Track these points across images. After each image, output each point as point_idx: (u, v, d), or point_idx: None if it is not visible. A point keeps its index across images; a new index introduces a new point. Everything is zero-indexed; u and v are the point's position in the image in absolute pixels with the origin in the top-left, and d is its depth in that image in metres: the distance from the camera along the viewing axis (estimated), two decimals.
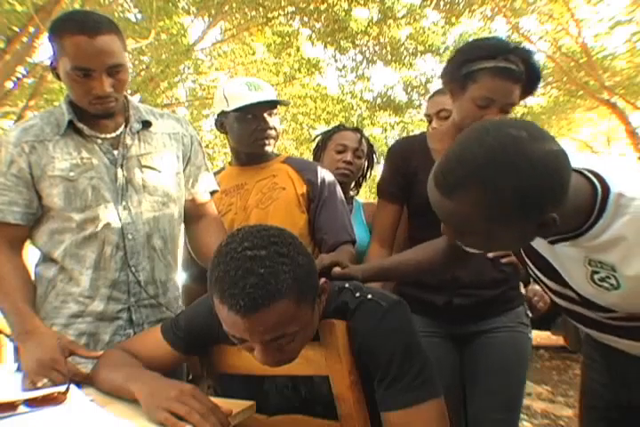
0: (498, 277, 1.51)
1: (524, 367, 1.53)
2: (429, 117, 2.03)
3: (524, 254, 1.05)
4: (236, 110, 1.67)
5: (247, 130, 1.69)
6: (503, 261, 1.46)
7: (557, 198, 0.79)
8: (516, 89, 1.36)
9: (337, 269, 1.21)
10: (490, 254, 1.41)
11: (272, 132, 1.70)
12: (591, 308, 0.98)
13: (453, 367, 1.54)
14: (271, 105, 1.68)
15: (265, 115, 1.68)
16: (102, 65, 1.24)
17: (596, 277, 0.88)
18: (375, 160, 2.14)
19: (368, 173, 2.14)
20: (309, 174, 1.73)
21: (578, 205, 0.83)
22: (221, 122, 1.76)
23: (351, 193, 2.14)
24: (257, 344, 0.89)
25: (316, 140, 2.18)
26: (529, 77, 1.36)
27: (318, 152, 2.11)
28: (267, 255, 0.85)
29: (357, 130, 2.09)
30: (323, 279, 0.98)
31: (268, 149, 1.73)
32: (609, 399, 1.18)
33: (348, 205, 2.06)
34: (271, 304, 0.83)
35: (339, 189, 1.77)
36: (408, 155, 1.56)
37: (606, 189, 0.83)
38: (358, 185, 2.16)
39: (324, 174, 1.76)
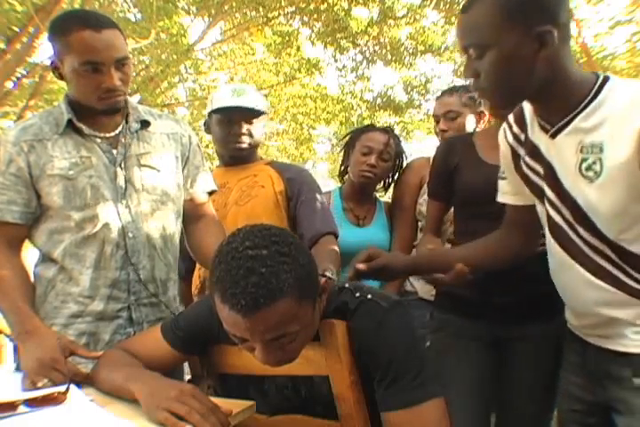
0: (539, 271, 1.38)
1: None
2: (437, 118, 2.03)
3: (532, 161, 1.13)
4: (214, 112, 1.78)
5: (222, 133, 1.79)
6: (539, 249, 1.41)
7: (553, 11, 0.97)
8: None
9: (360, 266, 1.22)
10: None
11: (245, 139, 1.77)
12: (576, 223, 1.05)
13: (487, 375, 1.49)
14: (245, 112, 1.75)
15: (243, 121, 1.75)
16: (111, 58, 1.25)
17: (583, 165, 1.00)
18: (404, 161, 2.08)
19: (396, 175, 2.08)
20: (288, 174, 1.79)
21: (581, 84, 1.01)
22: (208, 123, 1.85)
23: (377, 195, 2.13)
24: (258, 344, 0.88)
25: (345, 139, 2.14)
26: None
27: (348, 151, 2.08)
28: (268, 255, 0.85)
29: (387, 131, 2.04)
30: (323, 279, 0.98)
31: (244, 152, 1.80)
32: (589, 402, 1.16)
33: (373, 206, 2.06)
34: (272, 304, 0.83)
35: (319, 187, 1.82)
36: (450, 153, 1.61)
37: (606, 79, 1.01)
38: (387, 185, 2.11)
39: (304, 174, 1.82)
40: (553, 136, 1.06)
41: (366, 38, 9.74)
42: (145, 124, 1.42)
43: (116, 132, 1.39)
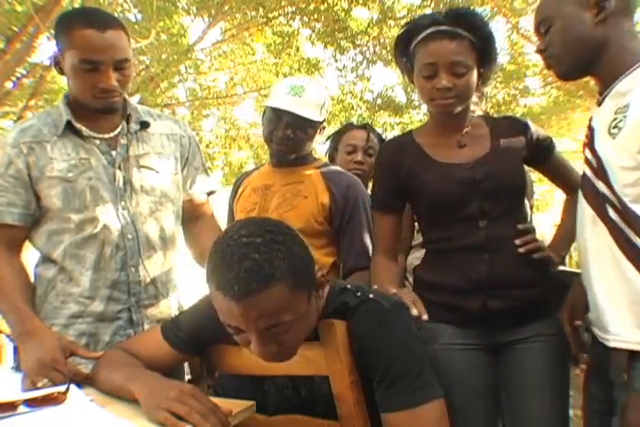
0: (534, 276, 1.39)
1: (565, 381, 1.41)
2: None
3: (587, 131, 1.21)
4: (267, 105, 1.70)
5: (266, 130, 1.71)
6: (535, 256, 1.37)
7: None
8: (458, 46, 1.31)
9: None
10: (521, 249, 1.36)
11: (284, 141, 1.67)
12: (600, 178, 1.12)
13: (490, 383, 1.42)
14: (295, 118, 1.63)
15: (285, 121, 1.64)
16: (110, 59, 1.26)
17: (612, 124, 1.09)
18: None
19: None
20: (335, 188, 1.70)
21: (635, 53, 1.11)
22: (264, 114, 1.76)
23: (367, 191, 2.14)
24: (252, 333, 0.89)
25: (327, 142, 2.16)
26: (477, 37, 1.33)
27: (332, 154, 2.10)
28: (262, 242, 0.87)
29: (365, 127, 2.07)
30: (320, 273, 0.97)
31: (281, 154, 1.72)
32: (606, 402, 1.15)
33: None
34: (265, 289, 0.84)
35: (365, 205, 1.71)
36: (398, 155, 1.44)
37: None
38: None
39: (352, 189, 1.72)
40: (600, 104, 1.16)
41: (366, 38, 9.72)
42: (144, 124, 1.42)
43: (115, 133, 1.39)
